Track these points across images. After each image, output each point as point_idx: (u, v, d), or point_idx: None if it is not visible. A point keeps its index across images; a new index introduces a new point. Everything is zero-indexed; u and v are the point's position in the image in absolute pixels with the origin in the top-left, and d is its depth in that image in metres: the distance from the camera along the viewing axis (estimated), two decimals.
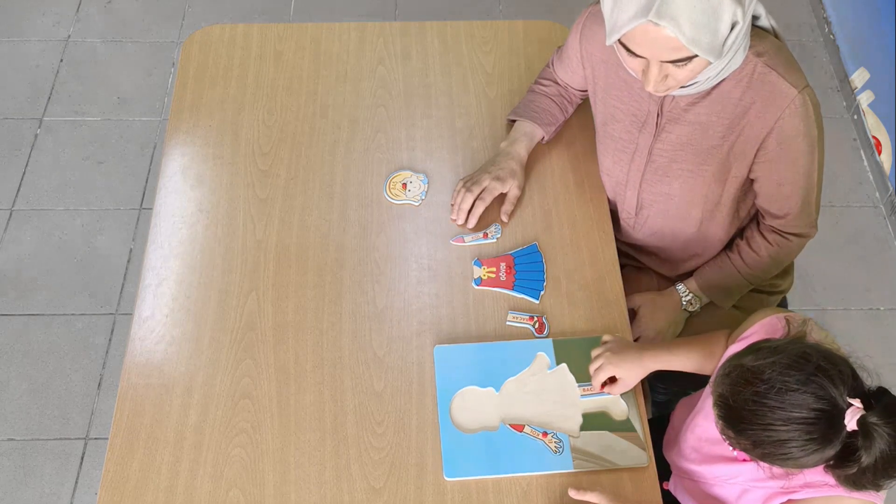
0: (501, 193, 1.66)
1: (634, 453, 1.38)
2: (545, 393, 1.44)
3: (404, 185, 1.70)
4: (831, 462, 1.08)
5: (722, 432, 1.15)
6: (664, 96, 1.48)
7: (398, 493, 1.36)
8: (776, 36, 1.47)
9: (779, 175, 1.49)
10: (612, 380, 1.43)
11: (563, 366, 1.47)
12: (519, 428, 1.41)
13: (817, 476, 1.17)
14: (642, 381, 1.46)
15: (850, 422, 1.05)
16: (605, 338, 1.46)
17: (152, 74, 2.97)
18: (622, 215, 1.71)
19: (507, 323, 1.53)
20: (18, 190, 2.67)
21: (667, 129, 1.52)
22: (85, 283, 2.49)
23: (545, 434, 1.40)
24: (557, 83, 1.74)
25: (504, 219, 1.66)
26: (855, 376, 1.08)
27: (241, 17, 3.12)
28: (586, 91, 1.73)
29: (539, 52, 1.92)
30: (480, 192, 1.64)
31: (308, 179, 1.72)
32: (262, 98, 1.84)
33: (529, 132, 1.72)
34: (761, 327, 1.29)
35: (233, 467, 1.38)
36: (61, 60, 3.00)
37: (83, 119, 2.85)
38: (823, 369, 1.06)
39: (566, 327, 1.52)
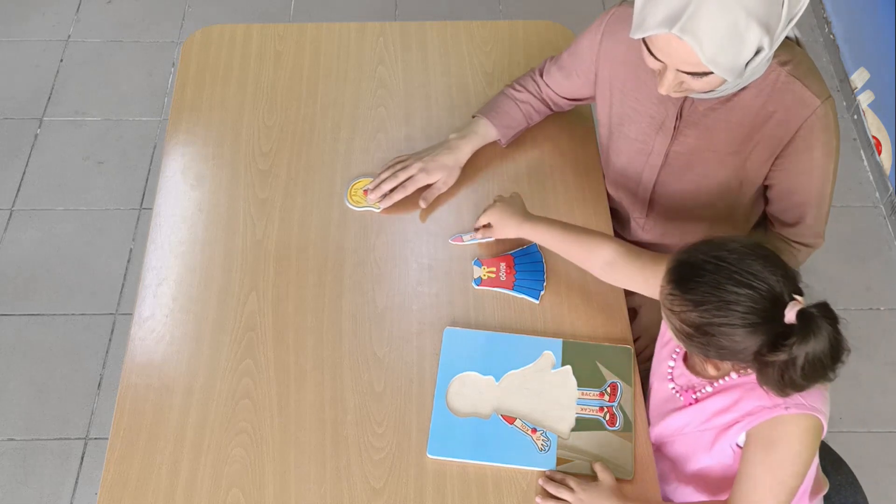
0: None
1: (621, 461, 1.37)
2: (544, 391, 1.44)
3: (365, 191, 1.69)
4: (763, 350, 1.11)
5: (666, 299, 1.17)
6: (684, 100, 1.48)
7: (398, 493, 1.35)
8: (798, 44, 1.46)
9: (794, 183, 1.49)
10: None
11: (568, 367, 1.46)
12: (510, 420, 1.41)
13: (754, 402, 1.23)
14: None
15: (790, 312, 1.10)
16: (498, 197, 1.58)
17: (152, 74, 2.97)
18: (633, 215, 1.71)
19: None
20: (18, 190, 2.67)
21: (684, 132, 1.52)
22: (85, 283, 2.49)
23: (534, 431, 1.40)
24: (530, 92, 1.72)
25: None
26: (799, 284, 1.16)
27: (241, 17, 3.12)
28: (575, 101, 1.72)
29: (539, 52, 1.92)
30: (405, 181, 1.65)
31: (308, 179, 1.72)
32: (262, 98, 1.84)
33: (483, 132, 1.70)
34: None
35: (233, 467, 1.38)
36: (61, 60, 3.00)
37: (83, 119, 2.85)
38: (781, 263, 1.15)
39: (566, 327, 1.52)
